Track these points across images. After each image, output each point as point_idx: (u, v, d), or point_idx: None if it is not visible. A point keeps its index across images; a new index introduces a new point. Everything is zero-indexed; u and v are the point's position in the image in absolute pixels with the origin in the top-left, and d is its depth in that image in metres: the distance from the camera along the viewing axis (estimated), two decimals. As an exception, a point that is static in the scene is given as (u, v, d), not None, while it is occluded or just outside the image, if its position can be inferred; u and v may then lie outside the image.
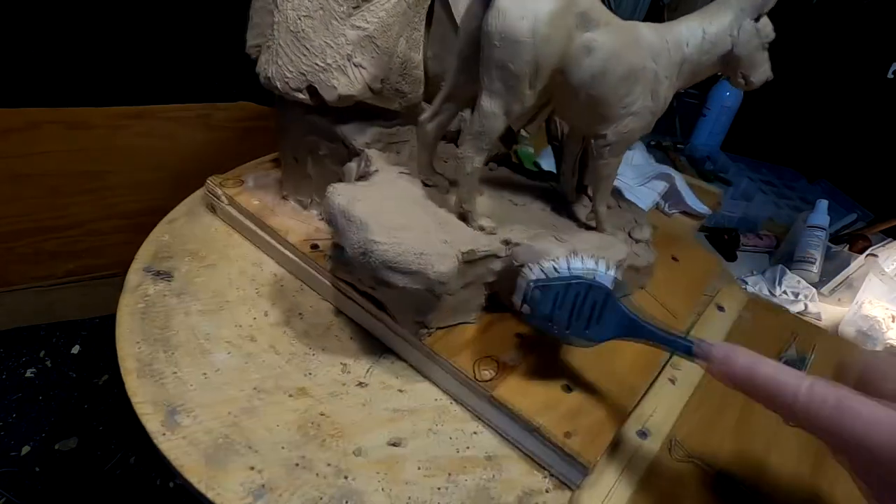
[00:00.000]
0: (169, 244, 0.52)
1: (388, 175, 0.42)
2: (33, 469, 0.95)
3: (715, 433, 0.41)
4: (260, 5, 0.46)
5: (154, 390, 0.38)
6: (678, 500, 0.36)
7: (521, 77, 0.33)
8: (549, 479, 0.37)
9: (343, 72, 0.42)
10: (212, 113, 1.07)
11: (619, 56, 0.37)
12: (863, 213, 1.04)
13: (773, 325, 0.53)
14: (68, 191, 1.04)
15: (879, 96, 1.14)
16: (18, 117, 0.92)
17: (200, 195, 0.60)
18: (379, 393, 0.41)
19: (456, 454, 0.37)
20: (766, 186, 1.11)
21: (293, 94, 0.43)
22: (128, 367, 0.39)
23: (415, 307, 0.39)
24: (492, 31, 0.32)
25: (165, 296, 0.46)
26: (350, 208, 0.35)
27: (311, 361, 0.42)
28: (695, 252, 0.59)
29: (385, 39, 0.42)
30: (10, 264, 1.06)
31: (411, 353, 0.43)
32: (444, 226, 0.38)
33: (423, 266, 0.34)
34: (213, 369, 0.40)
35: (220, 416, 0.37)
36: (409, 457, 0.37)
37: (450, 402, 0.41)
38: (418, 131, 0.41)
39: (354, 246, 0.34)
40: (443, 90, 0.39)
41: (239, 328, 0.44)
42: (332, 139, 0.47)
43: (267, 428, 0.37)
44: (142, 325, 0.43)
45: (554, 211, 0.50)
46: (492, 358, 0.40)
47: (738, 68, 0.41)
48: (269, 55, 0.43)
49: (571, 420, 0.37)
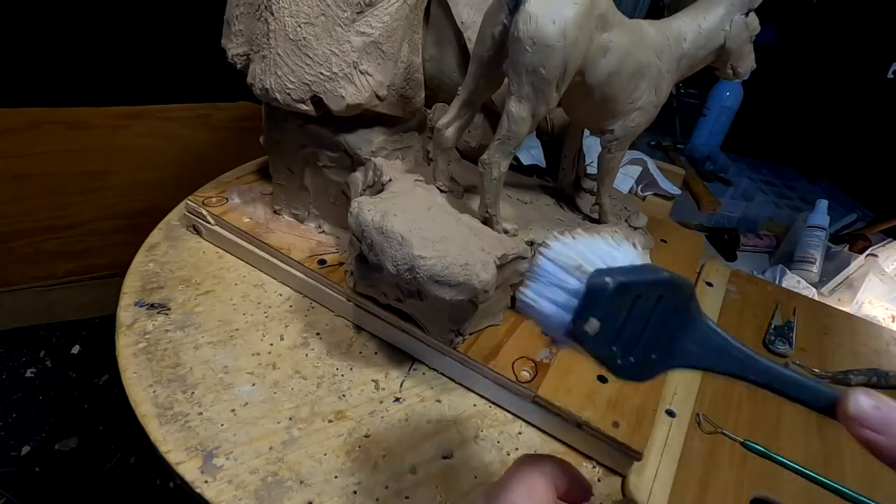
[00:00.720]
0: (156, 273, 0.49)
1: (405, 184, 0.41)
2: (33, 469, 0.94)
3: (731, 402, 0.44)
4: (242, 11, 0.43)
5: (183, 435, 0.35)
6: (716, 471, 0.38)
7: (550, 81, 0.33)
8: (598, 469, 0.38)
9: (350, 80, 0.40)
10: (212, 113, 1.08)
11: (630, 54, 0.38)
12: (863, 213, 1.03)
13: (756, 296, 0.58)
14: (68, 191, 1.04)
15: (879, 96, 1.13)
16: (18, 117, 0.93)
17: (178, 216, 0.56)
18: (417, 406, 0.40)
19: (507, 457, 0.38)
20: (766, 186, 1.10)
21: (295, 106, 0.41)
22: (146, 414, 0.36)
23: (449, 316, 0.39)
24: (523, 37, 0.32)
25: (167, 330, 0.43)
26: (385, 223, 0.34)
27: (342, 382, 0.41)
28: (680, 232, 0.62)
29: (390, 45, 0.41)
30: (10, 264, 1.07)
31: (443, 362, 0.42)
32: (475, 232, 0.37)
33: (469, 276, 0.33)
34: (240, 404, 0.38)
35: (261, 453, 0.35)
36: (462, 467, 0.37)
37: (488, 406, 0.41)
38: (435, 137, 0.40)
39: (398, 262, 0.33)
40: (461, 95, 0.38)
41: (257, 356, 0.42)
42: (334, 149, 0.45)
43: (314, 458, 0.35)
44: (149, 365, 0.40)
45: (558, 206, 0.51)
46: (527, 358, 0.41)
47: (728, 60, 0.43)
48: (264, 65, 0.40)
49: (614, 410, 0.38)
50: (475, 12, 0.43)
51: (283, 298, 0.48)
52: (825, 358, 0.51)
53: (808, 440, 0.42)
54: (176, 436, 0.35)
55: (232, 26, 0.45)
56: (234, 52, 0.44)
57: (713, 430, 0.41)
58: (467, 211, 0.41)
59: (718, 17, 0.41)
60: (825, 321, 0.56)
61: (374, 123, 0.45)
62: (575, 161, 0.51)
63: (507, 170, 0.38)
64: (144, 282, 0.47)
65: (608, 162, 0.45)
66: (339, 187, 0.48)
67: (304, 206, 0.51)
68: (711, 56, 0.43)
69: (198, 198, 0.52)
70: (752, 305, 0.56)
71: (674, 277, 0.22)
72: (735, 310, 0.55)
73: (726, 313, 0.54)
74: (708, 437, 0.41)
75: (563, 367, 0.41)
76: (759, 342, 0.51)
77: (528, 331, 0.44)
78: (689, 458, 0.39)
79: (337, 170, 0.47)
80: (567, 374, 0.40)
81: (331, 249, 0.49)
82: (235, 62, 0.45)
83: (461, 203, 0.43)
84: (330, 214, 0.50)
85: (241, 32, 0.44)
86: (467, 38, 0.44)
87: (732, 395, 0.45)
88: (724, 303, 0.55)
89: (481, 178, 0.38)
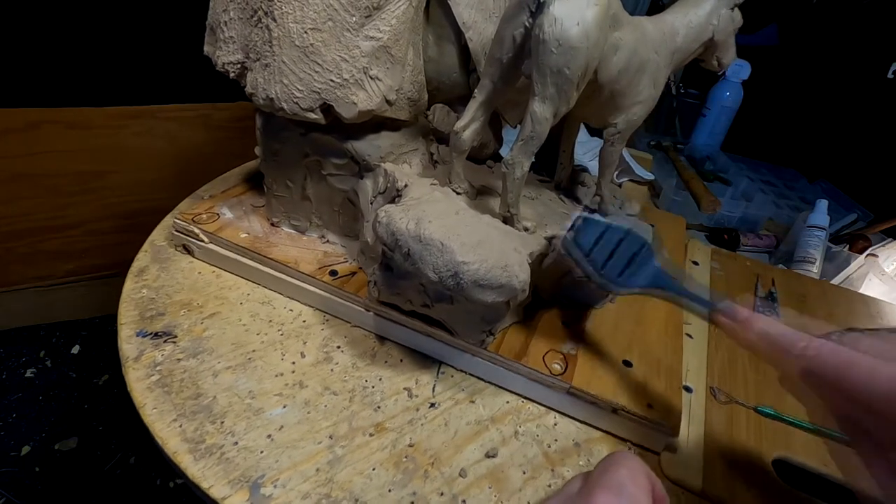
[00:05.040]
0: (152, 300, 0.46)
1: (423, 189, 0.41)
2: (33, 469, 0.95)
3: (737, 372, 0.47)
4: (233, 17, 0.41)
5: (222, 468, 0.34)
6: (738, 439, 0.41)
7: (574, 81, 0.34)
8: (633, 449, 0.40)
9: (361, 86, 0.39)
10: (212, 113, 1.08)
11: (636, 51, 0.39)
12: (863, 213, 1.03)
13: (737, 271, 0.62)
14: (68, 191, 1.04)
15: (879, 96, 1.13)
16: (18, 117, 0.93)
17: (164, 235, 0.53)
18: (453, 409, 0.40)
19: (549, 449, 0.39)
20: (766, 186, 1.10)
21: (304, 115, 0.39)
22: (177, 451, 0.34)
23: (482, 318, 0.39)
24: (548, 38, 0.32)
25: (179, 359, 0.41)
26: (422, 231, 0.34)
27: (374, 394, 0.40)
28: (662, 215, 0.65)
29: (398, 48, 0.40)
30: (10, 264, 1.08)
31: (472, 362, 0.42)
32: (503, 233, 0.38)
33: (510, 277, 0.34)
34: (275, 428, 0.37)
35: (308, 476, 0.34)
36: (508, 464, 0.37)
37: (520, 402, 0.42)
38: (452, 140, 0.40)
39: (440, 269, 0.33)
40: (478, 97, 0.38)
41: (281, 377, 0.40)
42: (341, 156, 0.44)
43: (363, 474, 0.35)
44: (168, 398, 0.38)
45: (560, 199, 0.52)
46: (555, 351, 0.42)
47: (715, 52, 0.46)
48: (267, 74, 0.39)
49: (644, 392, 0.40)
50: (475, 12, 0.44)
51: (295, 314, 0.46)
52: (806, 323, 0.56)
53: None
54: (215, 469, 0.34)
55: (220, 33, 0.42)
56: (226, 59, 0.42)
57: (728, 401, 0.44)
58: (486, 211, 0.41)
59: (707, 11, 0.44)
60: (800, 289, 0.61)
61: (380, 128, 0.44)
62: (572, 155, 0.52)
63: (529, 170, 0.38)
64: (142, 310, 0.44)
65: (610, 154, 0.47)
66: (345, 195, 0.47)
67: (305, 217, 0.49)
68: (700, 49, 0.45)
69: (186, 216, 0.49)
70: (736, 279, 0.60)
71: (630, 229, 0.38)
72: (723, 285, 0.59)
73: (714, 288, 0.58)
74: (724, 408, 0.44)
75: (589, 357, 0.42)
76: (749, 314, 0.55)
77: (550, 325, 0.45)
78: (711, 429, 0.41)
79: (342, 178, 0.46)
80: (595, 363, 0.42)
81: (339, 259, 0.48)
82: (228, 71, 0.42)
83: (477, 204, 0.43)
84: (334, 223, 0.49)
85: (232, 39, 0.42)
86: (468, 38, 0.44)
87: (737, 366, 0.48)
88: (711, 279, 0.59)
89: (504, 177, 0.38)
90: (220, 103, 1.08)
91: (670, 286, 0.36)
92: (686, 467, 0.38)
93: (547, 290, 0.46)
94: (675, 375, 0.42)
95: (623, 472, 0.23)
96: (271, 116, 0.43)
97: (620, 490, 0.23)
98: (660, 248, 0.38)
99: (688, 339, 0.50)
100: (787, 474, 0.39)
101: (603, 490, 0.23)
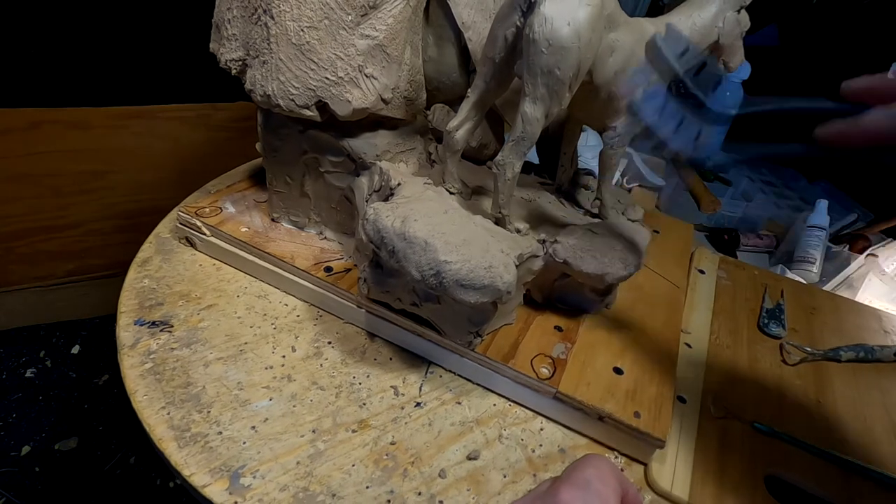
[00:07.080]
0: (152, 289, 0.47)
1: (416, 188, 0.41)
2: (33, 469, 0.94)
3: (736, 384, 0.46)
4: (236, 15, 0.42)
5: (205, 457, 0.34)
6: (730, 453, 0.40)
7: (565, 82, 0.34)
8: (620, 459, 0.39)
9: (356, 84, 0.39)
10: (212, 113, 1.08)
11: (633, 53, 0.38)
12: (863, 213, 1.03)
13: (745, 280, 0.60)
14: (68, 191, 1.04)
15: None
16: (18, 117, 0.93)
17: (169, 228, 0.54)
18: (438, 409, 0.40)
19: (532, 454, 0.38)
20: (766, 186, 1.09)
21: (299, 112, 0.40)
22: (162, 437, 0.35)
23: (469, 319, 0.39)
24: (538, 38, 0.32)
25: (173, 349, 0.42)
26: (407, 229, 0.34)
27: (361, 390, 0.41)
28: (669, 222, 0.64)
29: (394, 47, 0.40)
30: (10, 264, 1.07)
31: (460, 364, 0.42)
32: (492, 234, 0.37)
33: (493, 278, 0.33)
34: (260, 420, 0.37)
35: (288, 469, 0.34)
36: (490, 467, 0.37)
37: (508, 405, 0.42)
38: (446, 139, 0.40)
39: (423, 268, 0.33)
40: (471, 96, 0.38)
41: (271, 370, 0.41)
42: (337, 154, 0.45)
43: (342, 470, 0.35)
44: (159, 386, 0.38)
45: (559, 202, 0.51)
46: (544, 355, 0.41)
47: (721, 56, 0.45)
48: (265, 71, 0.39)
49: (633, 400, 0.39)
50: (475, 12, 0.43)
51: (290, 308, 0.47)
52: (815, 337, 0.54)
53: (809, 418, 0.44)
54: (197, 458, 0.34)
55: (223, 30, 0.43)
56: (228, 57, 0.43)
57: (723, 416, 0.43)
58: (478, 212, 0.41)
59: (711, 14, 0.43)
60: (811, 302, 0.59)
61: (377, 127, 0.44)
62: (573, 158, 0.52)
63: (520, 171, 0.38)
64: (142, 299, 0.45)
65: (610, 158, 0.46)
66: (342, 193, 0.47)
67: (304, 213, 0.50)
68: (706, 52, 0.44)
69: (190, 209, 0.51)
70: (743, 290, 0.58)
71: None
72: (728, 295, 0.57)
73: (721, 299, 0.56)
74: (718, 421, 0.42)
75: (579, 362, 0.41)
76: (754, 326, 0.54)
77: (541, 328, 0.44)
78: (703, 441, 0.40)
79: (340, 175, 0.46)
80: (584, 369, 0.41)
81: (335, 256, 0.48)
82: (230, 67, 0.43)
83: (471, 204, 0.43)
84: (332, 220, 0.50)
85: (234, 37, 0.42)
86: (468, 38, 0.44)
87: (736, 378, 0.47)
88: (717, 289, 0.57)
89: (495, 179, 0.38)
90: (220, 103, 1.08)
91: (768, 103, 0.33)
92: (673, 479, 0.37)
93: (539, 293, 0.46)
94: (668, 385, 0.41)
95: (590, 471, 0.23)
96: (271, 113, 0.44)
97: (587, 486, 0.23)
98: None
99: (686, 349, 0.48)
100: (779, 492, 0.38)
101: (568, 486, 0.23)
